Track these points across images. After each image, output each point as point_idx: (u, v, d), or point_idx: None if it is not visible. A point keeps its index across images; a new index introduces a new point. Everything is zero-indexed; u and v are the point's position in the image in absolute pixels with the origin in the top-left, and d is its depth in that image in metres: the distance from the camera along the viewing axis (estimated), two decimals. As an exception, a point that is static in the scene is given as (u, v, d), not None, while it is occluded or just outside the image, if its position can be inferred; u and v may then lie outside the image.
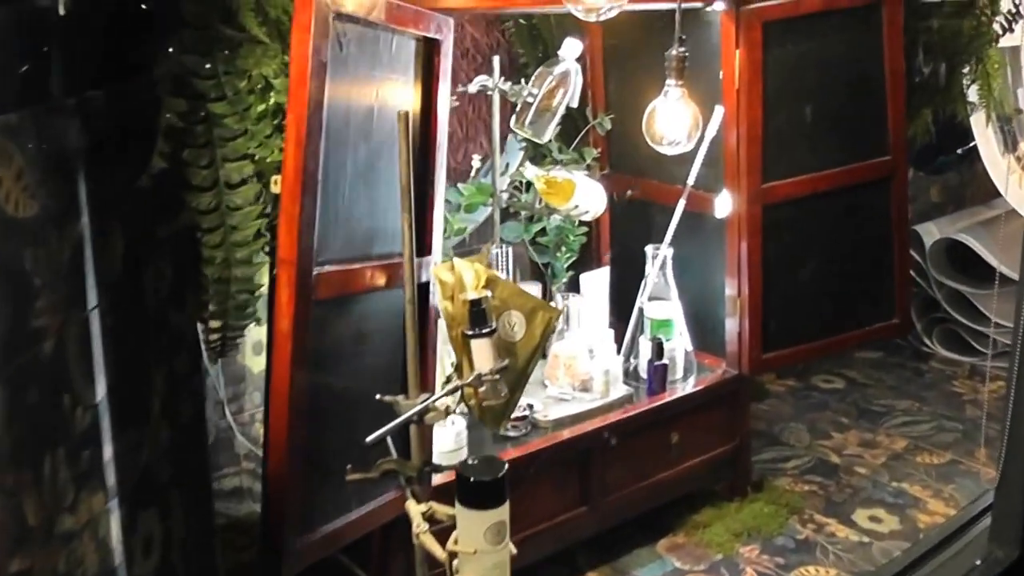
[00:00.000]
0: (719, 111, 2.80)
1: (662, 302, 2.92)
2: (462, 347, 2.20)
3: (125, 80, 2.06)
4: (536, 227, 2.99)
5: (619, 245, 3.22)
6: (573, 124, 3.09)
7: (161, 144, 2.06)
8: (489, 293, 2.23)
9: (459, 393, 1.96)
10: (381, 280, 2.18)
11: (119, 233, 2.05)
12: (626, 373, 2.93)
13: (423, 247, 2.32)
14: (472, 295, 2.22)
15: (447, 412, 1.96)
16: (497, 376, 2.05)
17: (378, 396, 1.86)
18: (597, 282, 3.04)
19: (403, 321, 1.84)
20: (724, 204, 2.84)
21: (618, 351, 2.92)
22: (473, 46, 3.03)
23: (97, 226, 1.95)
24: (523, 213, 2.96)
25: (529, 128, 2.63)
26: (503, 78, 2.75)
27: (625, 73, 3.07)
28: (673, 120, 2.52)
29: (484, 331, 2.06)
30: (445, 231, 2.76)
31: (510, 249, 2.82)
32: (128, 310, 2.08)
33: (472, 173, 2.88)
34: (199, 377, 2.45)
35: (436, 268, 2.27)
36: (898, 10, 2.83)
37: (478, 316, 2.16)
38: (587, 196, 2.77)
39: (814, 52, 2.82)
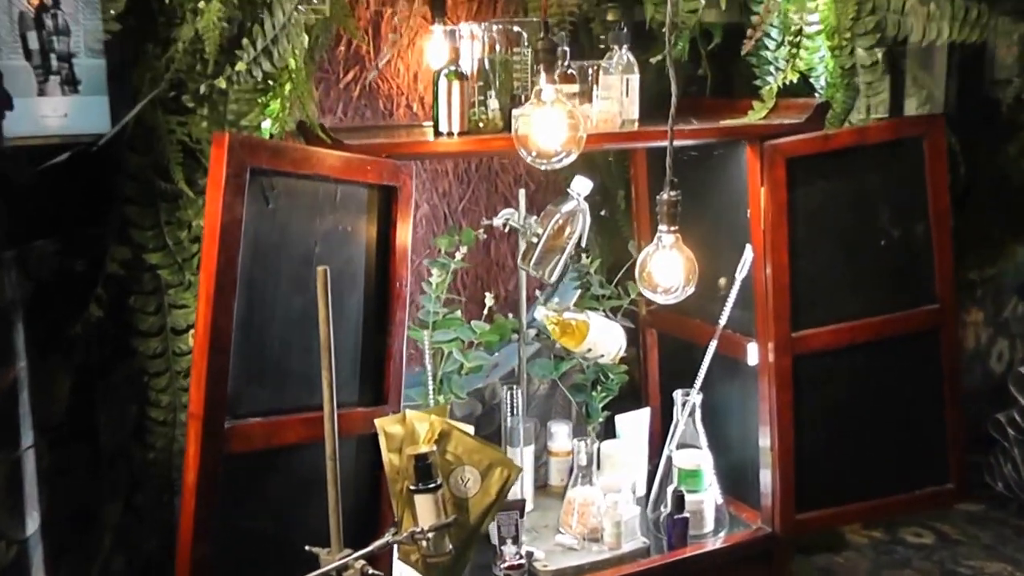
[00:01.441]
0: (749, 251, 2.66)
1: (692, 450, 2.79)
2: (405, 502, 2.19)
3: (77, 228, 2.18)
4: (566, 365, 2.92)
5: (669, 385, 3.09)
6: (617, 258, 3.02)
7: (100, 292, 2.16)
8: (435, 448, 2.21)
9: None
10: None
11: (64, 375, 2.14)
12: (654, 524, 2.80)
13: (380, 397, 2.31)
14: (417, 450, 2.20)
15: (363, 572, 1.96)
16: (440, 532, 2.02)
17: (307, 547, 1.91)
18: (636, 424, 2.94)
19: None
20: (755, 351, 2.69)
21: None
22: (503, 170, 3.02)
23: (37, 370, 2.05)
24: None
25: (535, 268, 2.59)
26: (526, 212, 2.73)
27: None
28: (667, 268, 2.42)
29: (428, 486, 2.06)
30: (462, 370, 2.75)
31: (516, 390, 2.76)
32: (74, 448, 2.17)
33: (484, 311, 2.85)
34: (170, 508, 2.51)
35: (381, 420, 2.27)
36: (941, 144, 2.66)
37: (423, 471, 2.16)
38: (602, 338, 2.70)
39: (848, 190, 2.69)
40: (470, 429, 2.34)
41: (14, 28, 2.10)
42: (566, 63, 2.49)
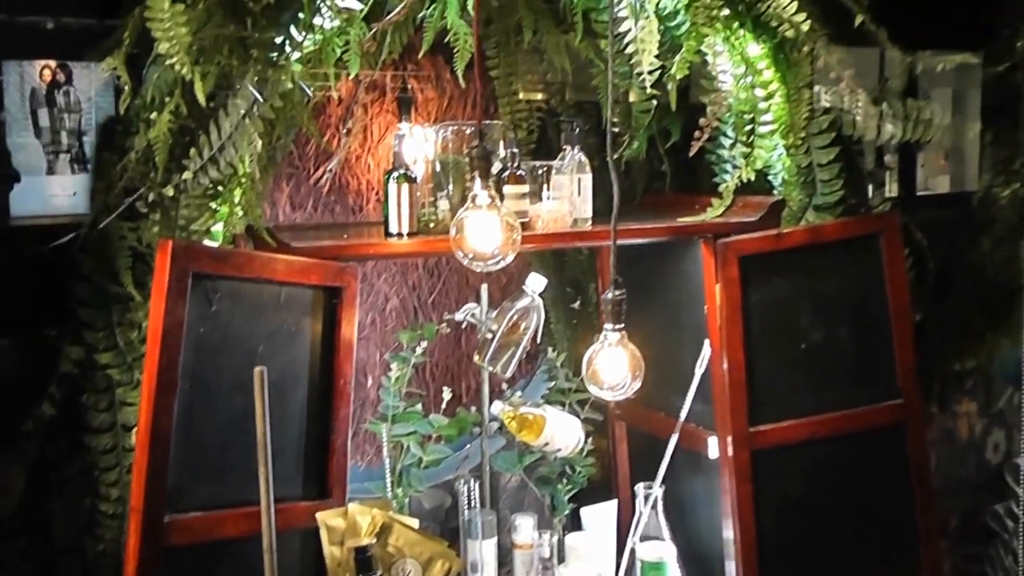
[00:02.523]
0: (707, 347, 2.74)
1: (655, 543, 2.84)
2: (345, 595, 2.27)
3: (33, 328, 2.31)
4: (531, 458, 3.00)
5: (639, 478, 3.16)
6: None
7: (53, 391, 2.29)
8: (376, 540, 2.30)
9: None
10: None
11: (18, 469, 2.26)
12: (619, 619, 2.86)
13: (324, 491, 2.41)
14: (358, 542, 2.30)
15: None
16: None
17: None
18: (603, 516, 3.00)
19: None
20: (715, 444, 2.76)
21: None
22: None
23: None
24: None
25: (490, 363, 2.69)
26: (488, 307, 2.83)
27: (633, 301, 3.06)
28: (612, 365, 2.51)
29: (368, 578, 2.16)
30: (422, 463, 2.84)
31: (473, 483, 2.84)
32: (28, 541, 2.28)
33: (443, 405, 2.94)
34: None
35: (323, 514, 2.36)
36: (897, 241, 2.73)
37: (363, 563, 2.26)
38: (560, 432, 2.79)
39: (804, 288, 2.77)
40: (413, 522, 2.43)
41: (25, 104, 2.22)
42: (515, 164, 2.60)
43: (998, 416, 3.96)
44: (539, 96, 2.98)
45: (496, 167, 2.61)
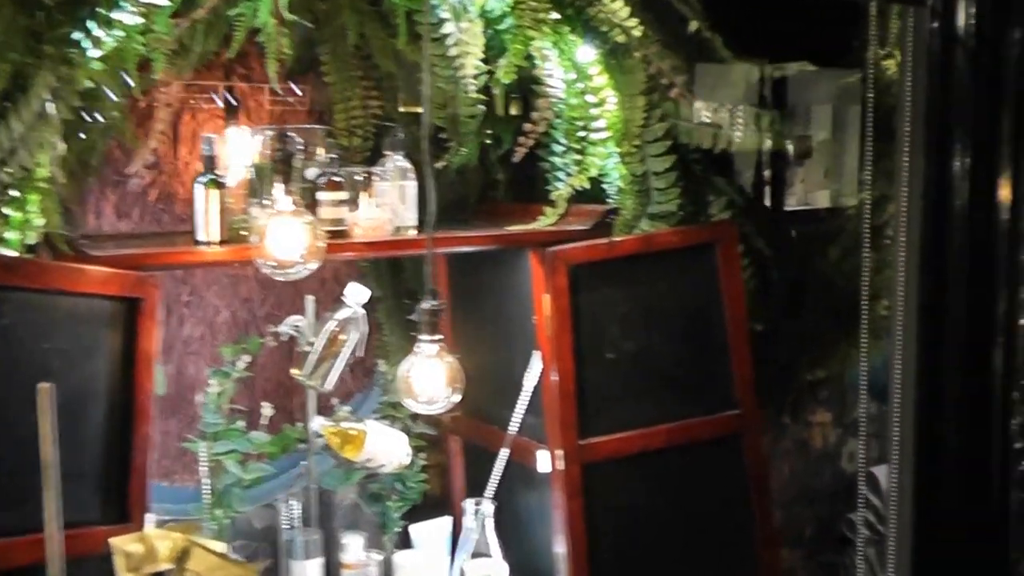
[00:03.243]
0: (537, 358, 2.69)
1: (484, 560, 2.78)
2: (140, 620, 2.18)
3: None
4: (360, 475, 2.92)
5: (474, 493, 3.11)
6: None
7: None
8: (173, 566, 2.21)
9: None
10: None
11: None
12: (452, 642, 2.80)
13: (124, 514, 2.31)
14: (156, 568, 2.20)
15: None
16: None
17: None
18: (434, 533, 2.93)
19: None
20: (546, 458, 2.71)
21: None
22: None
23: None
24: (344, 460, 2.92)
25: (309, 377, 2.61)
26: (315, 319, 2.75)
27: (470, 311, 3.01)
28: (428, 377, 2.44)
29: (164, 602, 2.07)
30: (240, 483, 2.75)
31: (293, 501, 2.76)
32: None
33: (265, 421, 2.85)
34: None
35: (117, 539, 2.25)
36: (733, 250, 2.70)
37: (159, 587, 2.15)
38: (382, 448, 2.71)
39: (638, 298, 2.75)
40: (219, 546, 2.33)
41: None
42: (333, 170, 2.53)
43: (853, 426, 3.96)
44: (375, 102, 2.89)
45: (313, 173, 2.54)
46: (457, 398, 2.51)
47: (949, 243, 2.32)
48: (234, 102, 2.83)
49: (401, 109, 2.86)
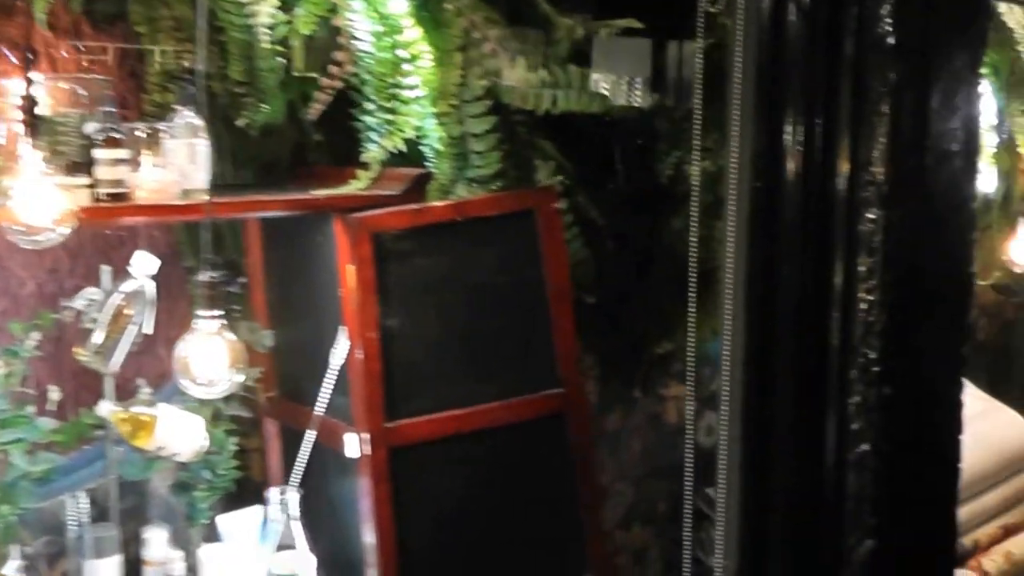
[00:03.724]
0: (343, 334, 2.48)
1: (289, 552, 2.57)
2: None
3: None
4: (161, 464, 2.68)
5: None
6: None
7: None
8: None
9: None
10: None
11: None
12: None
13: None
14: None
15: None
16: None
17: None
18: (244, 525, 2.71)
19: None
20: (354, 441, 2.50)
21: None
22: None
23: None
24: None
25: (93, 357, 2.37)
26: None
27: (284, 284, 2.79)
28: (207, 357, 2.23)
29: None
30: (28, 475, 2.50)
31: (77, 495, 2.53)
32: None
33: (52, 405, 2.61)
34: None
35: None
36: (555, 218, 2.51)
37: None
38: (174, 434, 2.48)
39: (451, 268, 2.56)
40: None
41: None
42: (112, 126, 2.29)
43: (711, 399, 3.81)
44: (189, 55, 2.65)
45: (91, 129, 2.29)
46: (240, 379, 2.31)
47: (782, 214, 2.15)
48: (31, 54, 2.57)
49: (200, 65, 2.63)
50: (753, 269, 2.20)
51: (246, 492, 2.87)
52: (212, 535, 2.78)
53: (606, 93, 2.75)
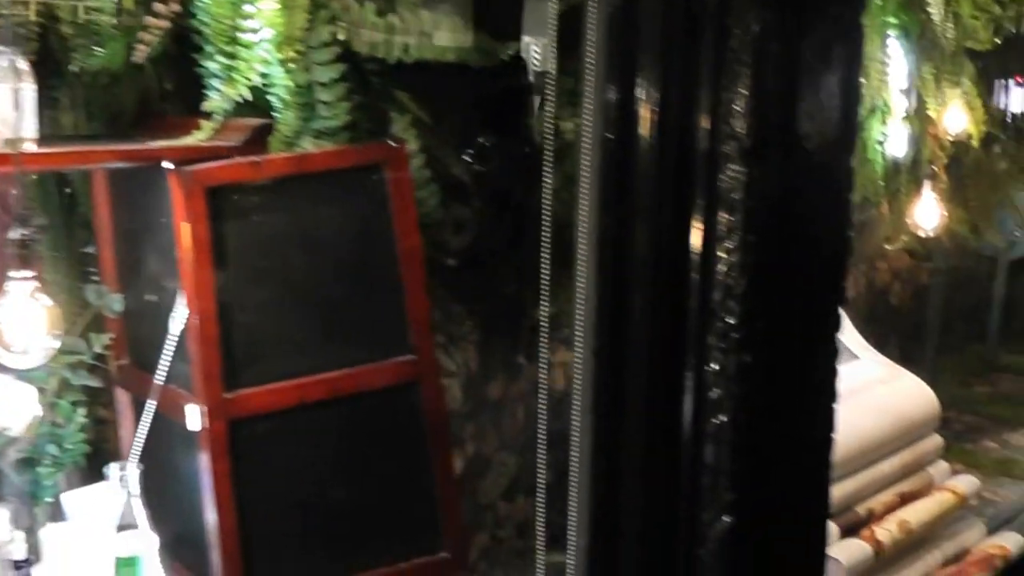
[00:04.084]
0: (181, 297, 2.29)
1: (130, 532, 2.39)
2: None
3: None
4: (4, 439, 2.49)
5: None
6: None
7: None
8: None
9: None
10: None
11: None
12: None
13: None
14: None
15: None
16: None
17: None
18: (91, 502, 2.52)
19: None
20: (195, 413, 2.32)
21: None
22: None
23: None
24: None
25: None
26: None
27: (132, 244, 2.60)
28: (21, 324, 2.04)
29: None
30: None
31: None
32: None
33: None
34: None
35: None
36: (405, 174, 2.34)
37: None
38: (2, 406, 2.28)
39: (294, 227, 2.40)
40: None
41: None
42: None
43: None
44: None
45: None
46: (56, 345, 2.12)
47: (635, 168, 1.98)
48: None
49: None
50: (604, 228, 2.03)
51: (100, 467, 2.70)
52: (58, 514, 2.61)
53: (464, 41, 2.56)
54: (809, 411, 1.91)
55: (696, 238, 1.98)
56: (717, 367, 1.99)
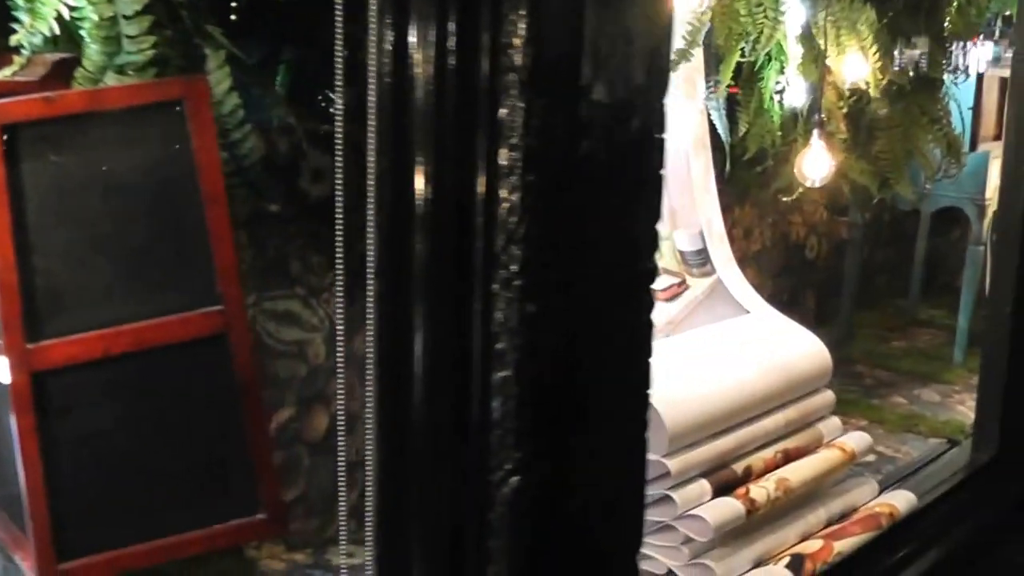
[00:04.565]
0: (-20, 243, 2.17)
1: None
2: None
3: None
4: None
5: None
6: None
7: None
8: None
9: None
10: None
11: None
12: None
13: None
14: None
15: None
16: None
17: None
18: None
19: None
20: (5, 366, 2.20)
21: None
22: None
23: None
24: None
25: None
26: None
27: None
28: None
29: None
30: None
31: None
32: None
33: None
34: None
35: None
36: (206, 113, 2.19)
37: None
38: None
39: (94, 168, 2.25)
40: None
41: None
42: None
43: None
44: None
45: None
46: None
47: (411, 106, 1.83)
48: None
49: None
50: (386, 171, 1.88)
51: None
52: None
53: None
54: (615, 366, 1.77)
55: (480, 178, 1.83)
56: (502, 318, 1.85)
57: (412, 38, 1.75)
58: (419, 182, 1.83)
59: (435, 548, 1.84)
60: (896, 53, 3.51)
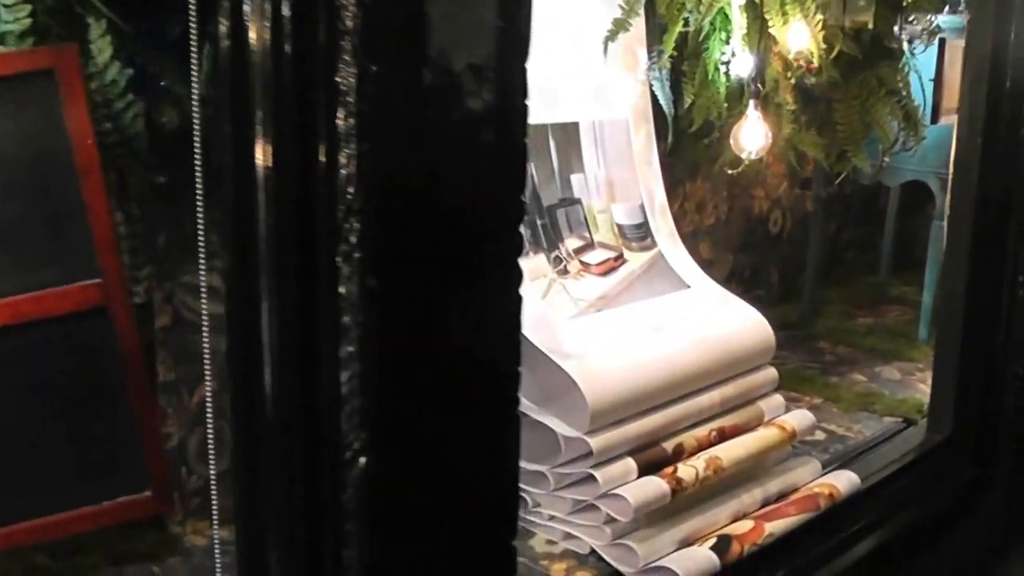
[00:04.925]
0: None
1: None
2: None
3: None
4: None
5: None
6: None
7: None
8: None
9: None
10: None
11: None
12: None
13: None
14: None
15: None
16: None
17: None
18: None
19: None
20: None
21: None
22: None
23: None
24: None
25: None
26: None
27: None
28: None
29: None
30: None
31: None
32: None
33: None
34: None
35: None
36: (77, 82, 2.13)
37: None
38: None
39: None
40: None
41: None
42: None
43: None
44: None
45: None
46: None
47: (248, 71, 1.75)
48: None
49: None
50: (227, 142, 1.81)
51: None
52: None
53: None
54: (477, 343, 1.70)
55: (322, 146, 1.75)
56: (344, 291, 1.77)
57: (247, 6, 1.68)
58: (260, 151, 1.75)
59: (291, 530, 1.77)
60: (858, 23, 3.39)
